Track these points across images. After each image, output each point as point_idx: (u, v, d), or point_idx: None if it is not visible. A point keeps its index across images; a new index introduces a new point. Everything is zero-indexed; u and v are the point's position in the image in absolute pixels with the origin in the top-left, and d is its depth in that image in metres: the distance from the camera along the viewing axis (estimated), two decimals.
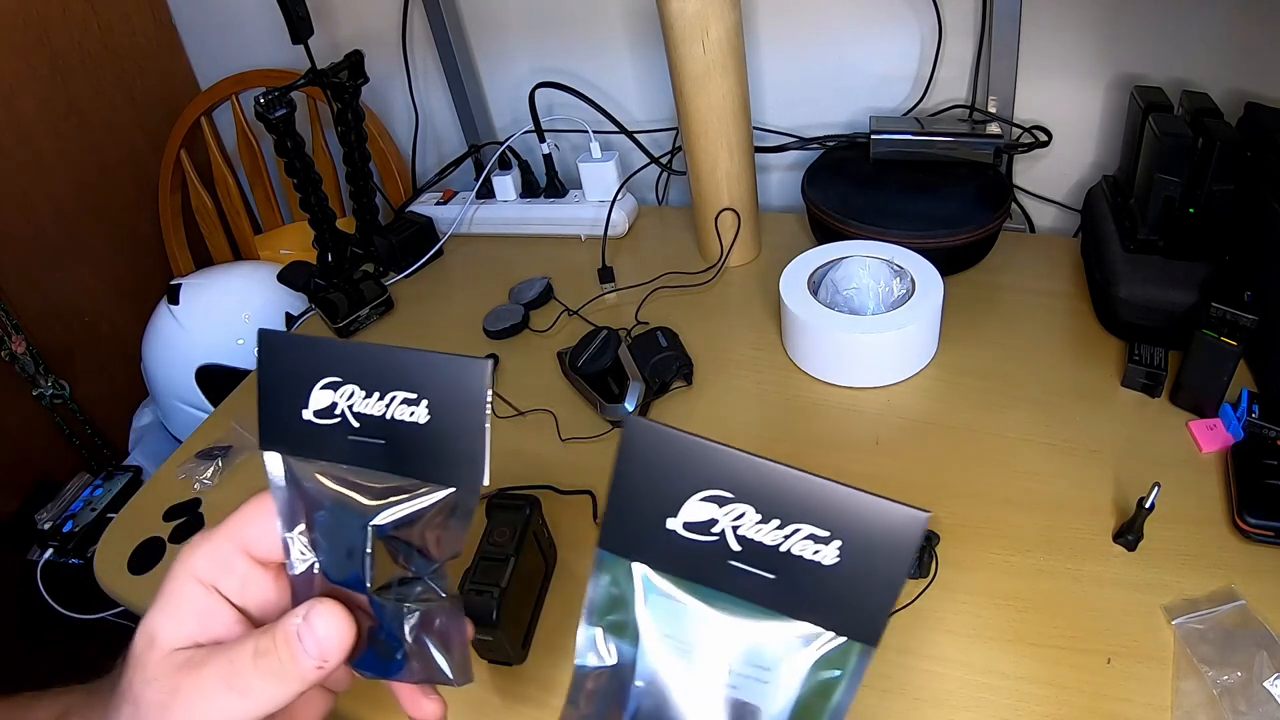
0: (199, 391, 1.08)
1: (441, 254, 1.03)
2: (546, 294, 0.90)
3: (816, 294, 0.74)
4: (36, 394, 1.18)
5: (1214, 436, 0.61)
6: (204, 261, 1.36)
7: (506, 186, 1.04)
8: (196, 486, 0.75)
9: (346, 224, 0.98)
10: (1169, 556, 0.54)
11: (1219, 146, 0.63)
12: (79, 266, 1.24)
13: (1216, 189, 0.64)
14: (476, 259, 1.02)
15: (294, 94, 0.81)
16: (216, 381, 1.07)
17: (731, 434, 0.70)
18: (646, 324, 0.82)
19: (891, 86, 0.94)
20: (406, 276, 1.00)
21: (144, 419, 1.28)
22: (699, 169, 0.84)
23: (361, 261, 0.98)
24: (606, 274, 0.90)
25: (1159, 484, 0.52)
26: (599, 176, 0.99)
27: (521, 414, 0.75)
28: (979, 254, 0.83)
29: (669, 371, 0.73)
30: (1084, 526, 0.57)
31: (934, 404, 0.69)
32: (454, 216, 1.05)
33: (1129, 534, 0.54)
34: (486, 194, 1.05)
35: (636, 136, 1.03)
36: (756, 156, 0.87)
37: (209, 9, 1.29)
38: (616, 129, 1.03)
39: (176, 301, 1.10)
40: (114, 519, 0.76)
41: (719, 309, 0.85)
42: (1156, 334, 0.68)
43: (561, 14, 1.05)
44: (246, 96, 1.23)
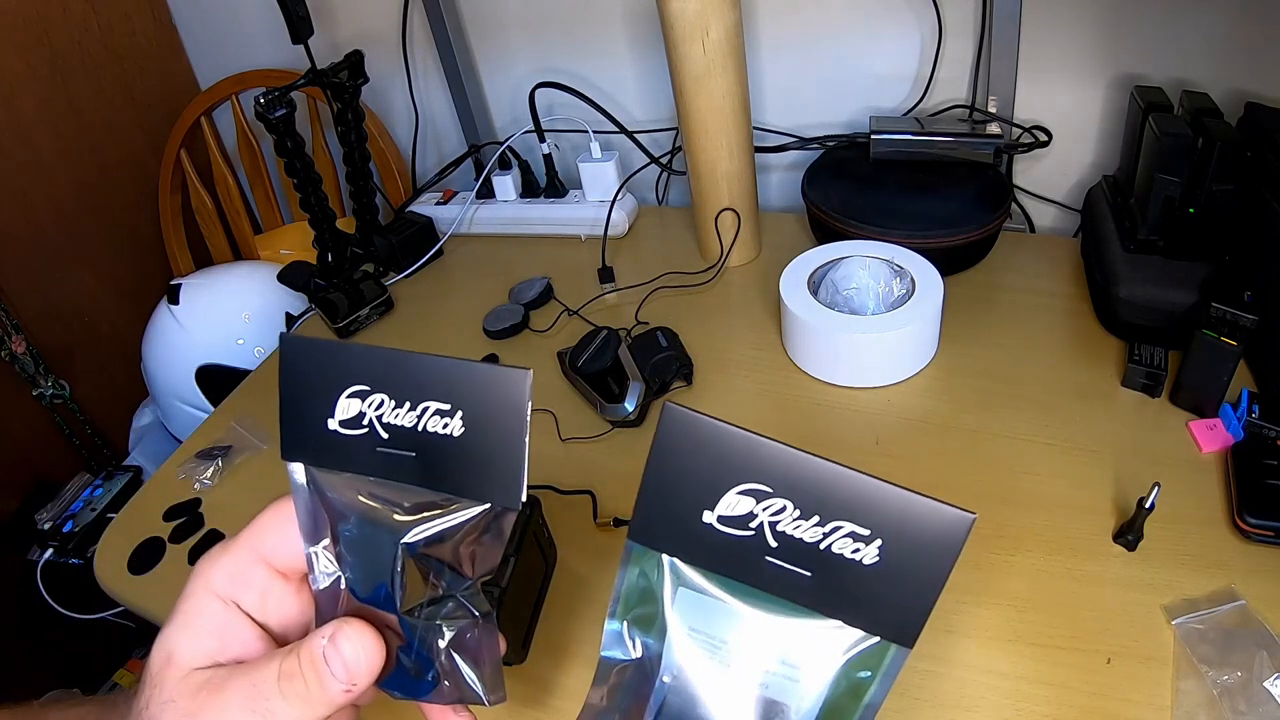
0: (199, 391, 1.08)
1: (441, 254, 1.03)
2: (546, 294, 0.90)
3: (816, 294, 0.74)
4: (36, 394, 1.18)
5: (1214, 436, 0.61)
6: (204, 261, 1.36)
7: (506, 186, 1.04)
8: (196, 486, 0.75)
9: (346, 224, 0.98)
10: (1169, 556, 0.54)
11: (1219, 146, 0.63)
12: (79, 266, 1.24)
13: (1216, 189, 0.64)
14: (476, 259, 1.02)
15: (294, 94, 0.81)
16: (216, 381, 1.07)
17: None
18: (646, 324, 0.82)
19: (891, 86, 0.93)
20: (406, 276, 1.00)
21: (144, 419, 1.28)
22: (699, 169, 0.84)
23: (361, 261, 0.98)
24: (606, 274, 0.90)
25: (1159, 484, 0.52)
26: (599, 176, 0.99)
27: None
28: (979, 254, 0.83)
29: (669, 371, 0.73)
30: (1084, 526, 0.57)
31: (934, 404, 0.69)
32: (454, 216, 1.05)
33: (1129, 534, 0.54)
34: (486, 194, 1.05)
35: (636, 136, 1.03)
36: (756, 156, 0.87)
37: (209, 9, 1.29)
38: (616, 129, 1.03)
39: (176, 301, 1.10)
40: (114, 519, 0.75)
41: (719, 309, 0.85)
42: (1156, 334, 0.67)
43: (561, 14, 1.05)
44: (246, 96, 1.23)
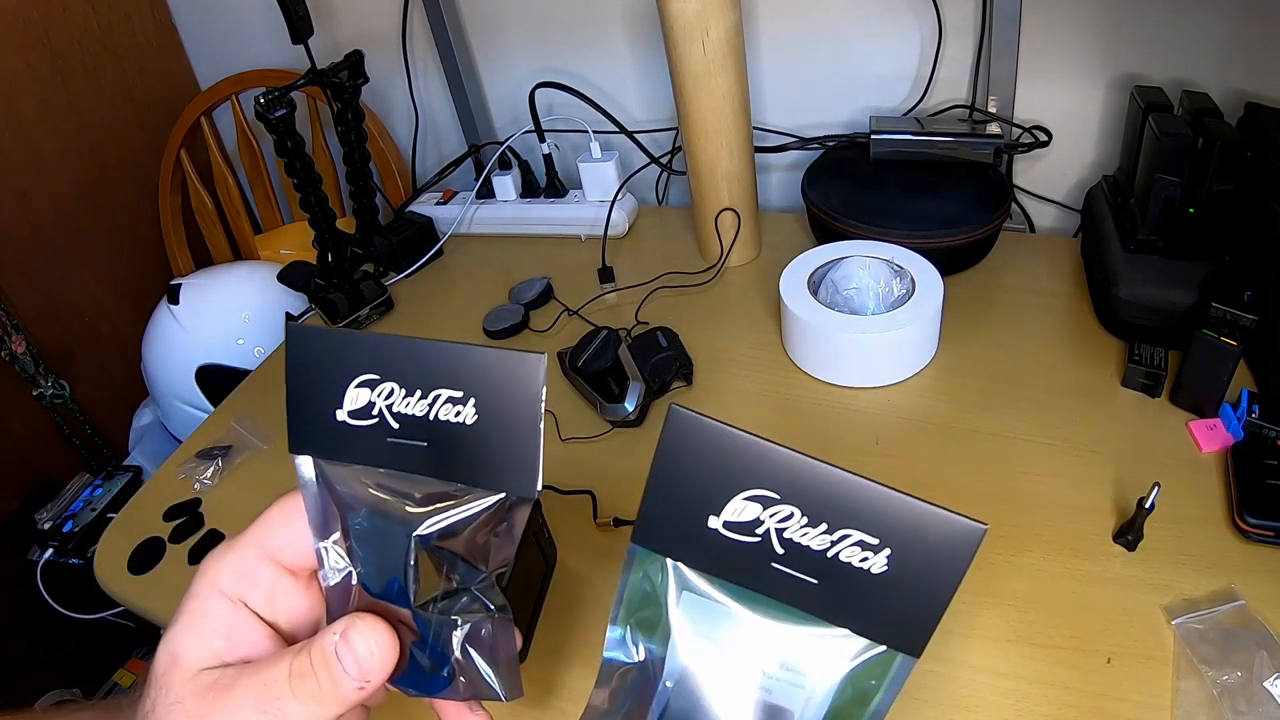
0: (199, 391, 1.08)
1: (441, 254, 1.03)
2: (546, 294, 0.90)
3: (816, 294, 0.74)
4: (36, 394, 1.18)
5: (1214, 436, 0.61)
6: (204, 261, 1.36)
7: (506, 186, 1.04)
8: (196, 486, 0.75)
9: (346, 224, 0.98)
10: (1169, 556, 0.54)
11: (1219, 146, 0.63)
12: (79, 266, 1.24)
13: (1216, 189, 0.64)
14: (476, 259, 1.02)
15: (294, 94, 0.81)
16: (216, 381, 1.07)
17: None
18: (646, 324, 0.82)
19: (891, 86, 0.93)
20: (406, 276, 1.00)
21: (144, 419, 1.28)
22: (699, 169, 0.84)
23: (361, 261, 0.98)
24: (606, 274, 0.90)
25: (1159, 484, 0.52)
26: (599, 176, 0.99)
27: None
28: (979, 254, 0.83)
29: (669, 371, 0.73)
30: (1084, 526, 0.57)
31: (934, 404, 0.69)
32: (454, 216, 1.05)
33: (1129, 534, 0.54)
34: (486, 194, 1.05)
35: (636, 136, 1.03)
36: (756, 156, 0.87)
37: (209, 9, 1.29)
38: (616, 129, 1.03)
39: (176, 301, 1.10)
40: (114, 519, 0.75)
41: (719, 309, 0.85)
42: (1156, 334, 0.67)
43: (561, 14, 1.05)
44: (246, 96, 1.23)
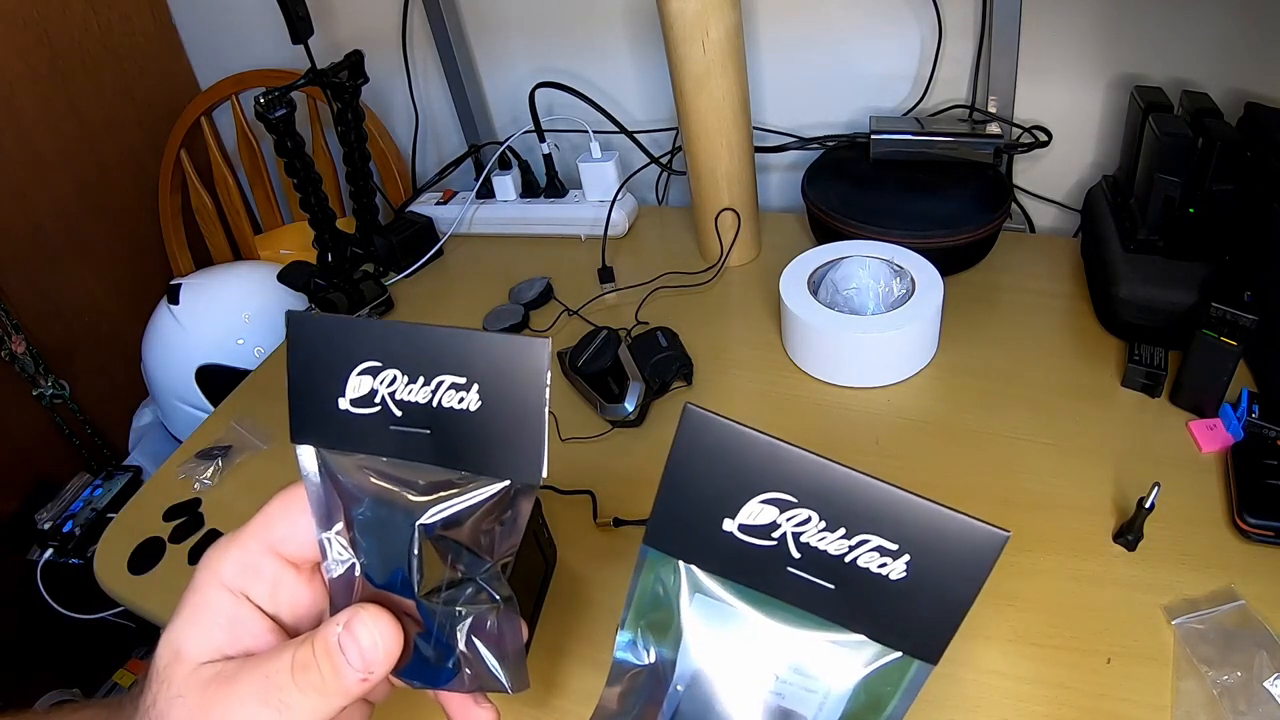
0: (199, 391, 1.08)
1: (441, 254, 1.03)
2: (546, 294, 0.90)
3: (816, 294, 0.74)
4: (36, 394, 1.18)
5: (1214, 436, 0.61)
6: (204, 261, 1.36)
7: (506, 186, 1.04)
8: (196, 486, 0.75)
9: (346, 224, 0.98)
10: (1169, 556, 0.54)
11: (1219, 146, 0.63)
12: (79, 266, 1.24)
13: (1216, 189, 0.64)
14: (476, 259, 1.02)
15: (294, 94, 0.81)
16: (216, 381, 1.07)
17: None
18: (646, 324, 0.82)
19: (891, 86, 0.93)
20: (406, 276, 1.00)
21: (144, 419, 1.28)
22: (699, 169, 0.84)
23: (361, 261, 0.98)
24: (606, 274, 0.90)
25: (1159, 484, 0.52)
26: (599, 176, 0.99)
27: None
28: (979, 254, 0.83)
29: (669, 371, 0.73)
30: (1084, 526, 0.57)
31: (934, 404, 0.69)
32: (454, 216, 1.05)
33: (1129, 534, 0.54)
34: (486, 194, 1.05)
35: (636, 136, 1.03)
36: (756, 156, 0.87)
37: (209, 9, 1.29)
38: (616, 129, 1.03)
39: (176, 301, 1.10)
40: (114, 519, 0.75)
41: (719, 309, 0.85)
42: (1156, 334, 0.67)
43: (561, 14, 1.05)
44: (246, 96, 1.23)
